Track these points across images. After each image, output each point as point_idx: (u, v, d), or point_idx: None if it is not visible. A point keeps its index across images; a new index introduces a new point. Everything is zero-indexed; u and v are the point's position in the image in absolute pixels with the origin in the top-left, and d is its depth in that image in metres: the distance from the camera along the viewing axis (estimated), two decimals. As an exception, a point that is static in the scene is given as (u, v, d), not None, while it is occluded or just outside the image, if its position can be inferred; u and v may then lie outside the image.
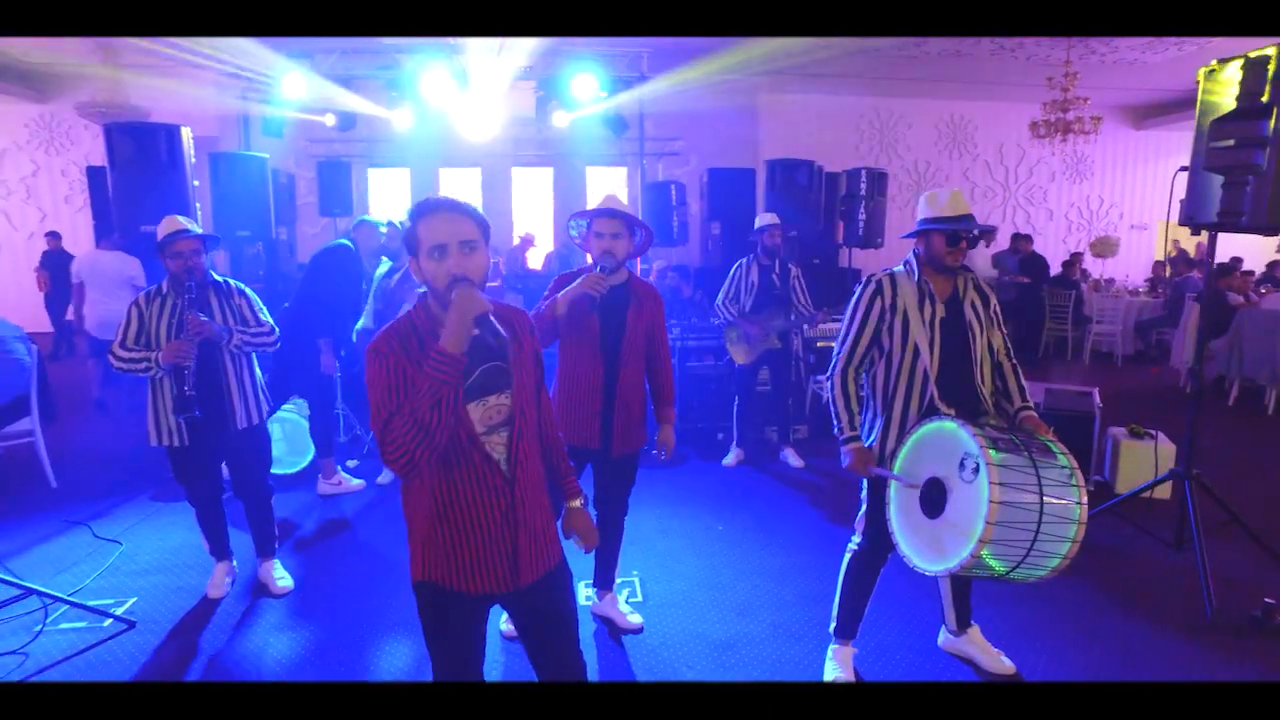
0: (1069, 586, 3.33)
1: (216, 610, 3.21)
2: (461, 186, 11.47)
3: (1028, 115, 9.73)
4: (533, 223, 11.58)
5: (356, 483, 4.65)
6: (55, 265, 9.47)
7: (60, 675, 2.73)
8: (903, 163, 12.25)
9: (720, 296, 4.97)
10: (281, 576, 3.41)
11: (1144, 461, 4.31)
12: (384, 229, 4.63)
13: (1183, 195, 3.38)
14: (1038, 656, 2.83)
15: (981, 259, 9.99)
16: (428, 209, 1.58)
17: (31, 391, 4.62)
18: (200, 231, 3.12)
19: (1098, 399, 4.54)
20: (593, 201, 3.92)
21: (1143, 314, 9.30)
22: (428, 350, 1.51)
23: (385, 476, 4.77)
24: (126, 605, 3.22)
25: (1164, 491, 4.34)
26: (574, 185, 11.22)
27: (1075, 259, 9.78)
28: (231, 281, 3.24)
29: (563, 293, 2.67)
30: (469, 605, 1.71)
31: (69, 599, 3.04)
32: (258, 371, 3.31)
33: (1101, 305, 9.29)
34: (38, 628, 2.99)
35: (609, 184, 11.65)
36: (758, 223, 5.02)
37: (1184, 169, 3.35)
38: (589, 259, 2.83)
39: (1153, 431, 4.45)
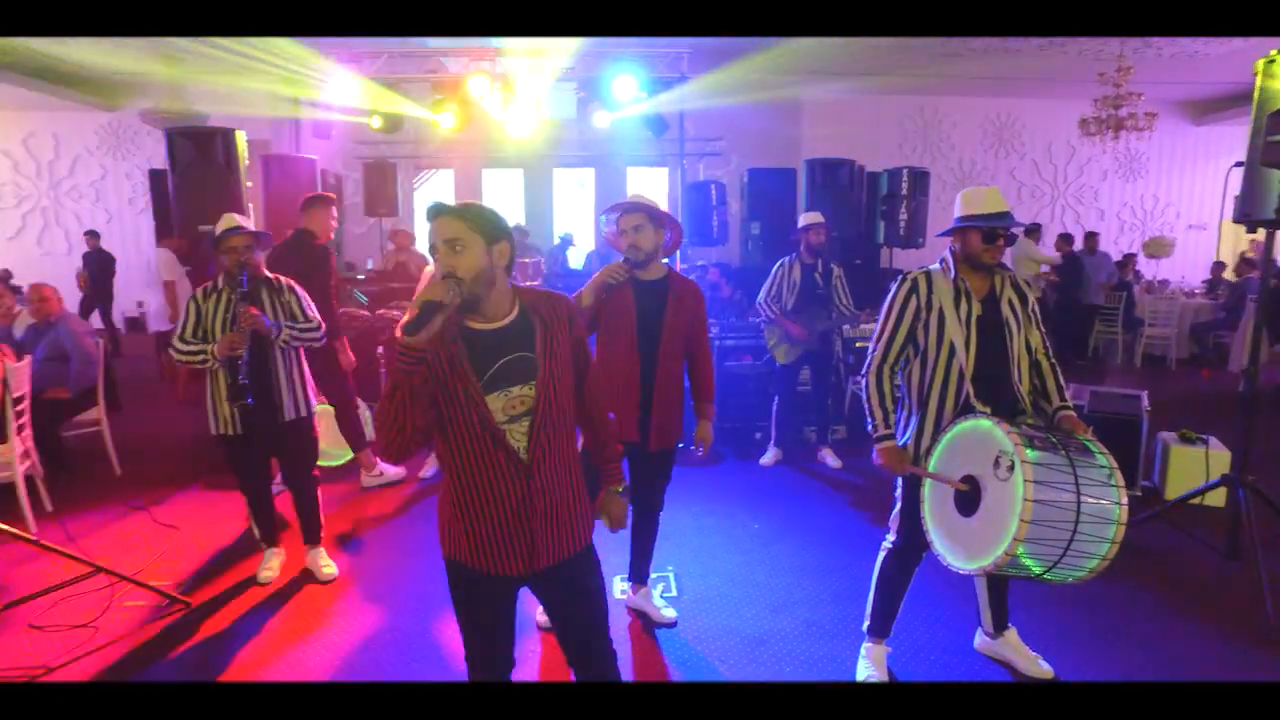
0: (1111, 591, 3.26)
1: (266, 593, 3.35)
2: (504, 187, 11.67)
3: (1078, 112, 9.48)
4: (574, 223, 11.71)
5: (395, 471, 4.77)
6: (95, 264, 9.84)
7: (124, 648, 2.89)
8: (947, 162, 12.04)
9: (762, 295, 4.98)
10: (327, 564, 3.54)
11: (1195, 467, 4.19)
12: None
13: (1238, 191, 3.29)
14: (1078, 661, 2.79)
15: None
16: (427, 215, 1.68)
17: (99, 383, 4.87)
18: (252, 229, 3.27)
19: (1146, 402, 4.42)
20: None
21: (1199, 316, 8.98)
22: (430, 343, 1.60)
23: (427, 469, 4.89)
24: (184, 586, 3.38)
25: (1217, 499, 4.20)
26: (615, 185, 11.31)
27: (1128, 260, 9.49)
28: (281, 279, 3.37)
29: (588, 284, 2.76)
30: (494, 585, 1.77)
31: (133, 579, 3.20)
32: (305, 366, 3.45)
33: (1154, 307, 9.01)
34: (106, 604, 3.16)
35: (650, 184, 11.72)
36: (801, 221, 5.01)
37: (1239, 164, 3.26)
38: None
39: (1205, 437, 4.32)
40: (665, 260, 2.88)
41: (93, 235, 10.16)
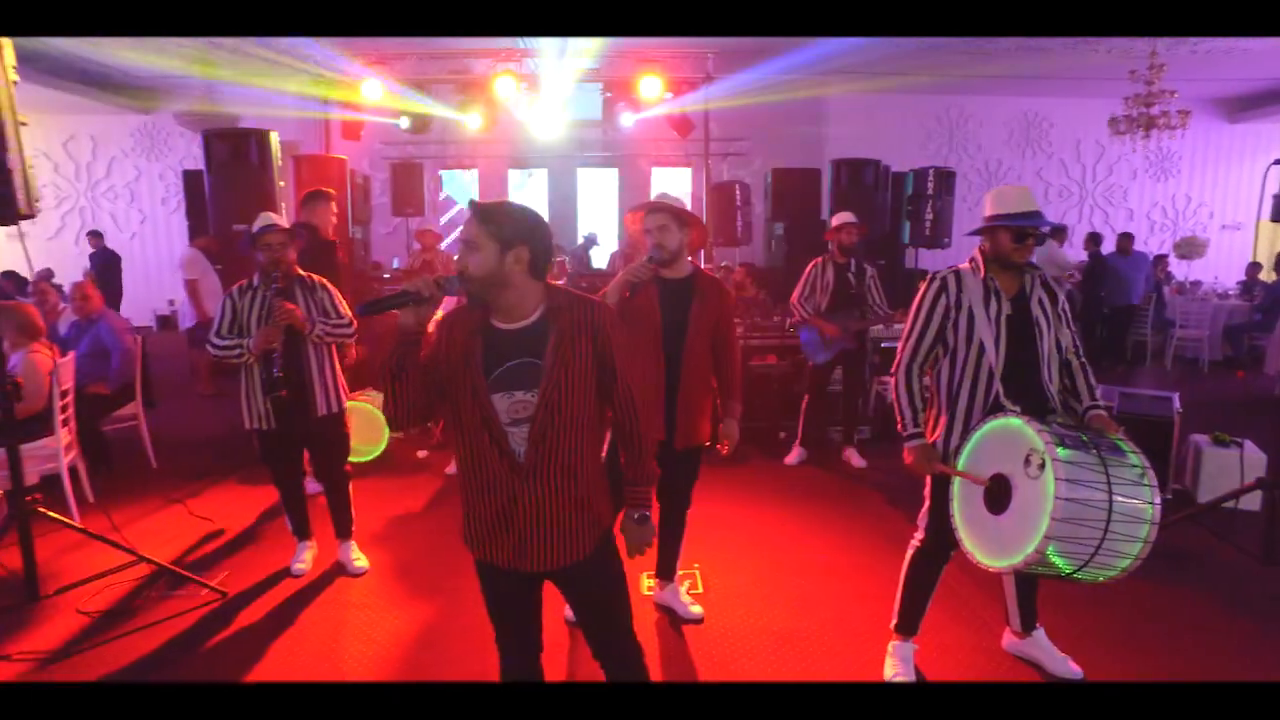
0: (1142, 593, 3.22)
1: (299, 585, 3.42)
2: (528, 186, 11.77)
3: (1107, 110, 9.33)
4: (598, 222, 11.76)
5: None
6: (100, 264, 9.95)
7: (163, 635, 2.97)
8: (973, 162, 11.93)
9: (795, 296, 5.00)
10: (358, 557, 3.60)
11: (1229, 470, 4.12)
12: None
13: (1277, 190, 3.24)
14: (1107, 662, 2.76)
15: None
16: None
17: (137, 379, 4.99)
18: (287, 226, 3.35)
19: (1177, 404, 4.36)
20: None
21: (1233, 318, 8.81)
22: (454, 333, 1.74)
23: (452, 466, 4.95)
24: (219, 577, 3.46)
25: (1252, 503, 4.13)
26: (639, 185, 11.35)
27: (1159, 261, 9.33)
28: (314, 276, 3.45)
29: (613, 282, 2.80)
30: (504, 576, 1.83)
31: (172, 567, 3.29)
32: (337, 363, 3.52)
33: (1186, 309, 8.85)
34: (148, 592, 3.26)
35: (673, 184, 11.74)
36: (834, 221, 5.02)
37: (1278, 162, 3.21)
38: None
39: (1239, 440, 4.25)
40: (689, 258, 2.91)
41: (96, 235, 10.32)
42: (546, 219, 1.80)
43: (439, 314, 1.87)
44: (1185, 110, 8.46)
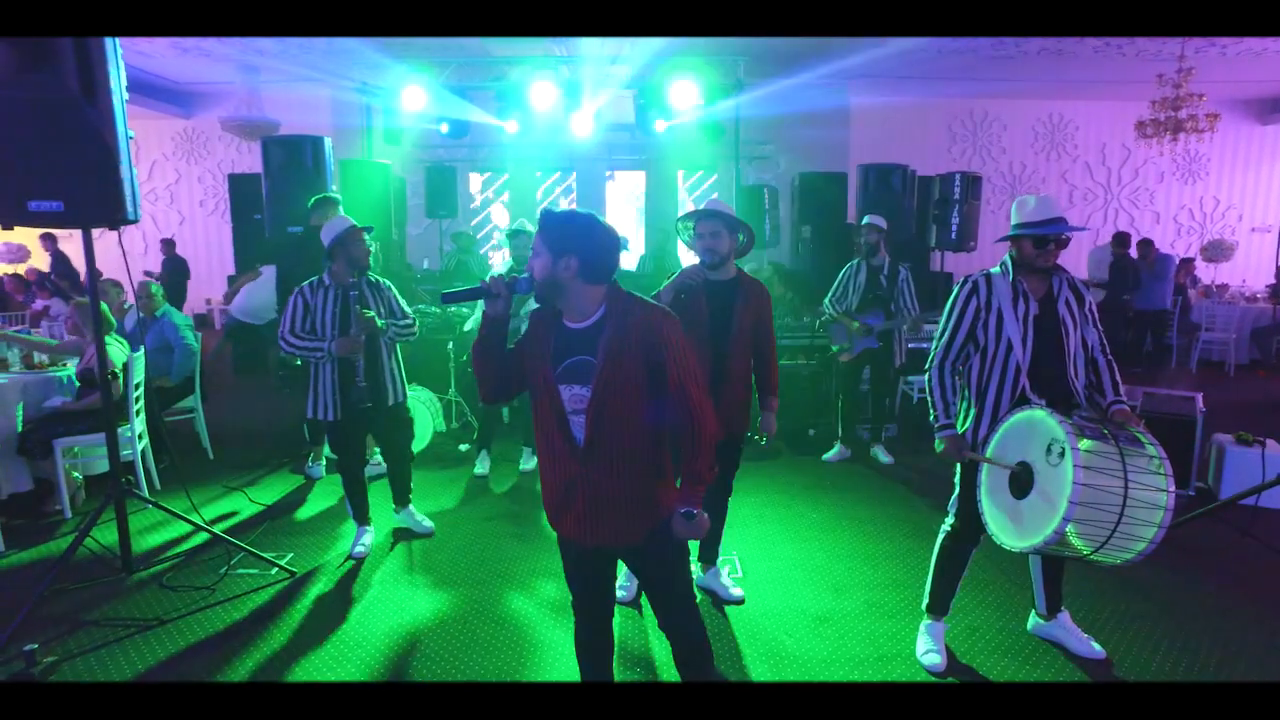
0: (1165, 581, 3.36)
1: (360, 567, 3.65)
2: (558, 190, 11.99)
3: (1134, 114, 9.39)
4: (625, 225, 11.96)
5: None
6: (170, 269, 10.25)
7: (238, 611, 3.20)
8: (997, 165, 11.99)
9: (829, 295, 5.20)
10: (423, 518, 3.99)
11: (1252, 469, 4.23)
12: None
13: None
14: (1130, 645, 2.91)
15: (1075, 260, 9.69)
16: None
17: (197, 374, 5.27)
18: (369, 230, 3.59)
19: (1201, 404, 4.47)
20: (685, 204, 4.17)
21: (1260, 321, 8.83)
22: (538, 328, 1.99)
23: (481, 466, 5.08)
24: (285, 559, 3.69)
25: (1273, 500, 4.23)
26: (666, 189, 11.53)
27: (1185, 264, 9.35)
28: (380, 277, 3.68)
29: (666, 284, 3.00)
30: (583, 549, 2.03)
31: (247, 549, 3.52)
32: (400, 357, 3.78)
33: (1212, 312, 8.88)
34: (223, 569, 3.50)
35: (699, 188, 11.91)
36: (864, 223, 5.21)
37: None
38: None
39: (1262, 439, 4.36)
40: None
41: (168, 244, 10.59)
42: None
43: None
44: (1214, 114, 8.47)
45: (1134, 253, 8.50)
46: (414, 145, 10.26)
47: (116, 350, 4.38)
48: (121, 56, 2.79)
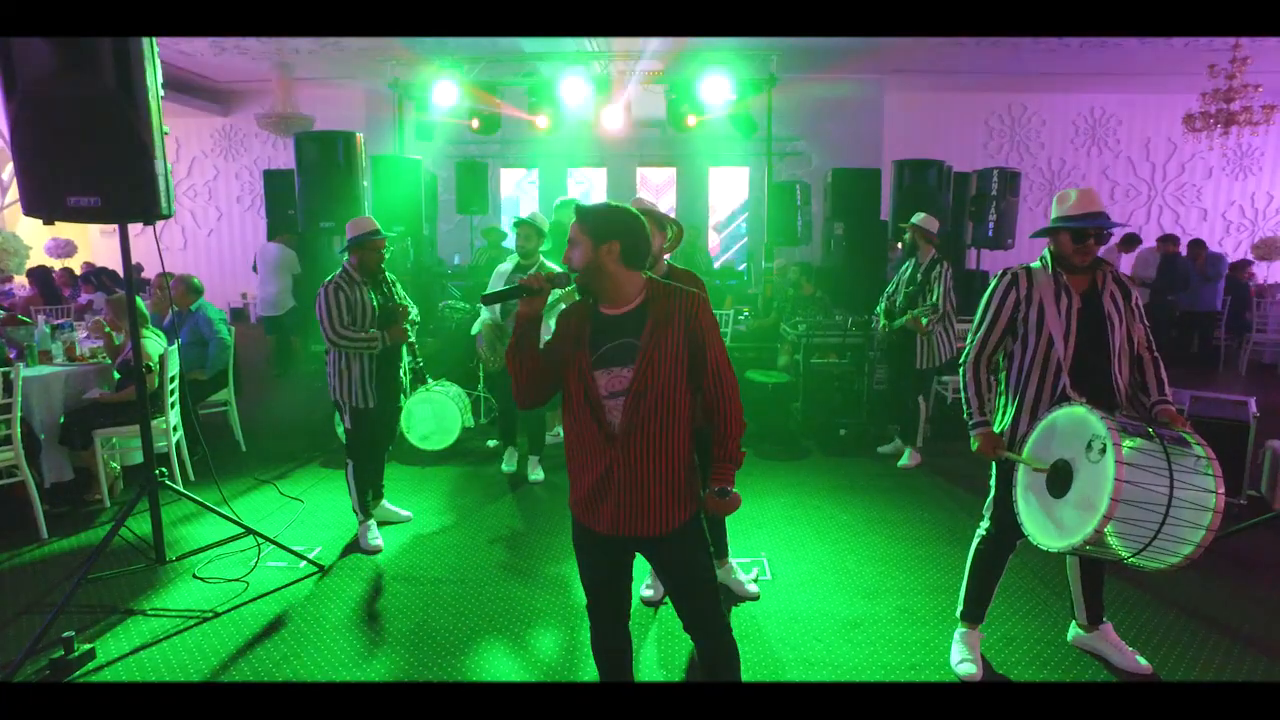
0: (1213, 594, 3.23)
1: (380, 560, 3.67)
2: (588, 185, 11.99)
3: (1181, 107, 9.06)
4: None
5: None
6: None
7: (270, 605, 3.23)
8: (1035, 161, 11.68)
9: (882, 297, 5.24)
10: (397, 507, 4.17)
11: (1307, 476, 4.05)
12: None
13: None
14: (1176, 660, 2.79)
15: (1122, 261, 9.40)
16: None
17: (230, 367, 5.35)
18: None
19: (1254, 408, 4.29)
20: (714, 200, 4.09)
21: (1314, 322, 8.49)
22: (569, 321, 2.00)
23: (508, 463, 5.08)
24: (315, 552, 3.72)
25: (1330, 510, 4.06)
26: (696, 184, 11.46)
27: (1243, 265, 9.03)
28: (386, 270, 3.80)
29: None
30: (604, 545, 2.01)
31: (278, 544, 3.56)
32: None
33: (1264, 313, 8.56)
34: (253, 562, 3.54)
35: (731, 183, 11.83)
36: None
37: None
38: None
39: (1318, 445, 4.17)
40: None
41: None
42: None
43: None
44: (1270, 105, 8.13)
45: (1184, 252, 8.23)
46: (445, 141, 10.31)
47: (153, 344, 4.46)
48: (158, 55, 2.82)
